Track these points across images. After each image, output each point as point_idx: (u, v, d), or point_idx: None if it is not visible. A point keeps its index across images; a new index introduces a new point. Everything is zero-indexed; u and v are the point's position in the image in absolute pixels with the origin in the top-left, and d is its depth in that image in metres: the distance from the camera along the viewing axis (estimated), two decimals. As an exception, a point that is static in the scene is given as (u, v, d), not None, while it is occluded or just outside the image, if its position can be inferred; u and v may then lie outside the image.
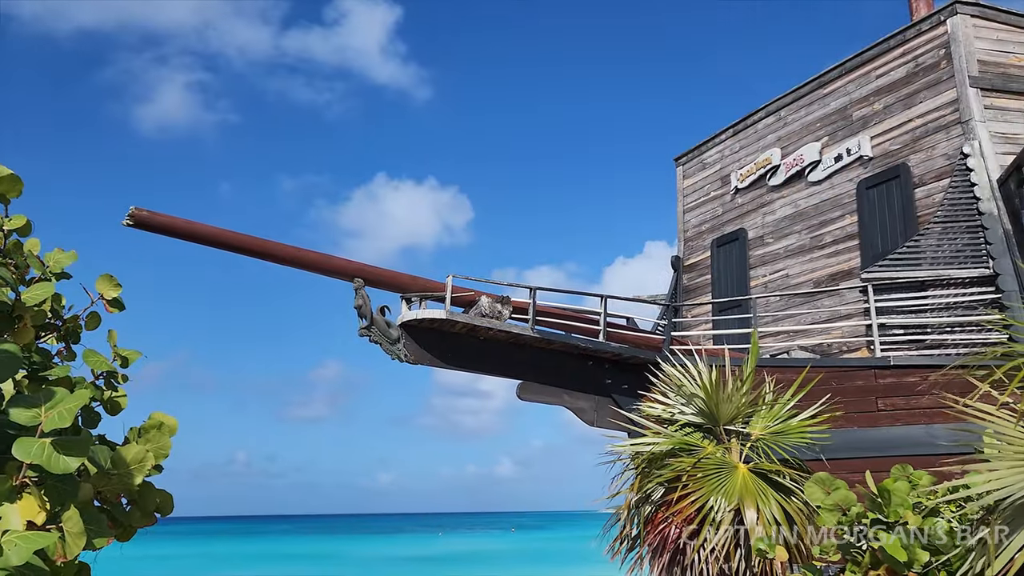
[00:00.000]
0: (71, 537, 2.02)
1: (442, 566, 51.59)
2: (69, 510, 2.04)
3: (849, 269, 13.55)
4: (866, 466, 8.35)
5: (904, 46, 13.43)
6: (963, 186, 11.76)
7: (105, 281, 3.06)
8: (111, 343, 2.99)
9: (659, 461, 7.58)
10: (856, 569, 5.01)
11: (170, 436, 2.92)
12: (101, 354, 2.91)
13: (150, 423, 2.87)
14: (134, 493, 2.74)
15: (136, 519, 2.77)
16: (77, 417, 2.76)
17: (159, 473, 2.88)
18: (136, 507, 2.76)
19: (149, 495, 2.81)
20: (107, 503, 2.69)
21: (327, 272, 10.53)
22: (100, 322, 3.00)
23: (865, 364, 10.50)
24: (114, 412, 2.97)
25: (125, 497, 2.76)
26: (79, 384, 2.71)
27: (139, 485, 2.73)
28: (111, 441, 2.88)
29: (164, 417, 2.92)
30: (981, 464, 6.17)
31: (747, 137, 16.47)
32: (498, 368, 11.30)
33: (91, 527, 2.14)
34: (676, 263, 17.49)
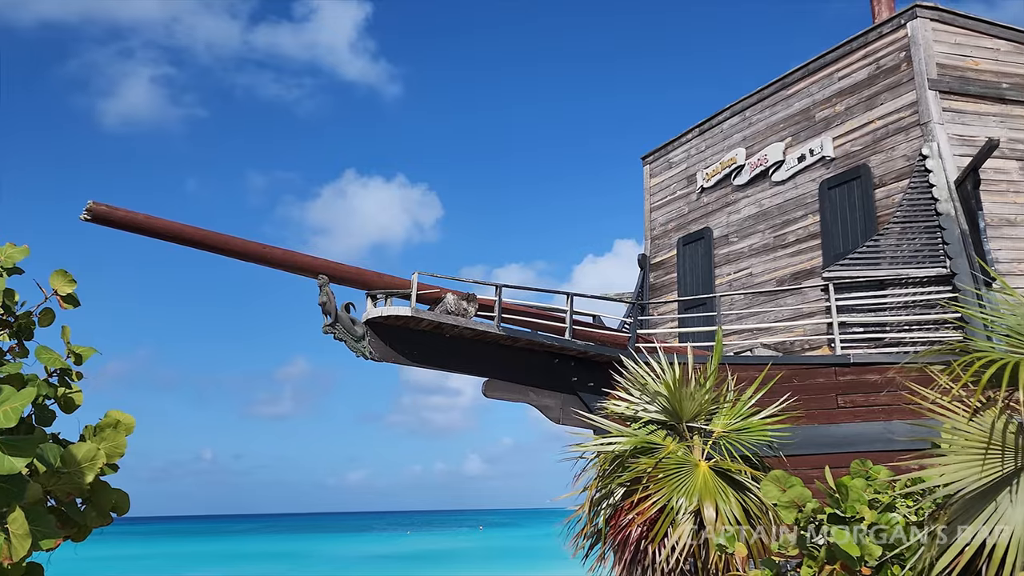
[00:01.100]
0: (16, 539, 1.99)
1: (410, 565, 51.45)
2: (15, 511, 2.00)
3: (811, 268, 13.75)
4: (826, 462, 8.49)
5: (865, 48, 13.66)
6: (922, 187, 11.99)
7: (59, 277, 3.01)
8: (65, 340, 2.94)
9: (622, 460, 7.64)
10: (812, 564, 5.09)
11: (127, 434, 2.88)
12: (54, 351, 2.86)
13: (106, 421, 2.83)
14: (86, 492, 2.70)
15: (90, 519, 2.73)
16: (31, 415, 2.72)
17: (114, 472, 2.84)
18: (90, 507, 2.72)
19: (104, 494, 2.77)
20: (59, 503, 2.65)
21: (291, 269, 10.45)
22: (54, 318, 2.95)
23: (826, 362, 10.67)
24: (69, 410, 2.93)
25: (78, 497, 2.71)
26: (31, 381, 2.67)
27: (92, 484, 2.69)
28: (64, 440, 2.83)
29: (121, 415, 2.88)
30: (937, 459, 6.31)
31: (713, 137, 16.63)
32: (464, 365, 11.30)
33: (38, 528, 2.11)
34: (643, 261, 17.62)
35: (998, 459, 4.97)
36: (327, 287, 10.27)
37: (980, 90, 12.65)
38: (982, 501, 4.78)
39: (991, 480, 4.88)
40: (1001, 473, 4.90)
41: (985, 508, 4.75)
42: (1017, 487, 4.79)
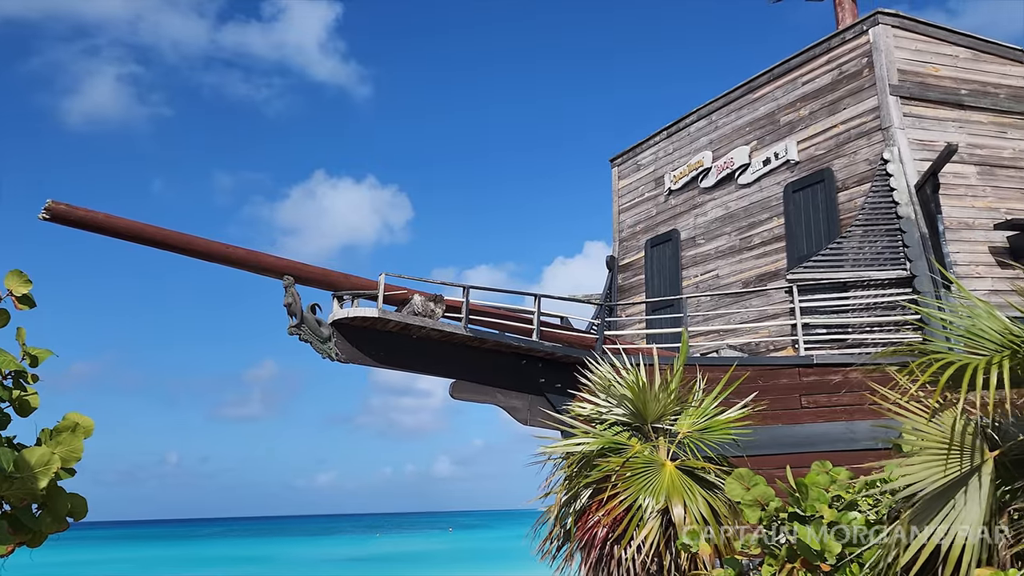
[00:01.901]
0: (-35, 544, 1.95)
1: (379, 567, 51.20)
2: (-36, 517, 1.96)
3: (776, 270, 13.93)
4: (790, 462, 8.60)
5: (829, 54, 13.88)
6: (883, 191, 12.20)
7: (14, 277, 2.95)
8: (20, 341, 2.88)
9: (588, 461, 7.68)
10: (774, 563, 5.17)
11: (85, 437, 2.82)
12: (9, 353, 2.81)
13: (64, 424, 2.77)
14: (41, 497, 2.64)
15: (45, 525, 2.67)
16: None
17: (71, 476, 2.78)
18: (45, 512, 2.66)
19: (59, 499, 2.72)
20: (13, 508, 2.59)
21: (256, 269, 10.35)
22: (9, 319, 2.89)
23: (790, 362, 10.81)
24: (24, 413, 2.87)
25: (32, 502, 2.66)
26: (-18, 384, 2.62)
27: (48, 489, 2.63)
28: (19, 444, 2.77)
29: (79, 418, 2.82)
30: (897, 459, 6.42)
31: (680, 139, 16.78)
32: (431, 367, 11.28)
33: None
34: (611, 263, 17.72)
35: (956, 459, 5.07)
36: (292, 288, 10.19)
37: (940, 96, 12.91)
38: (940, 501, 4.88)
39: (949, 480, 4.98)
40: (959, 473, 5.00)
41: (943, 508, 4.84)
42: (973, 487, 4.89)
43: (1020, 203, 12.47)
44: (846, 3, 16.07)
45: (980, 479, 4.89)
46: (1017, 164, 12.84)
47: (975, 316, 5.32)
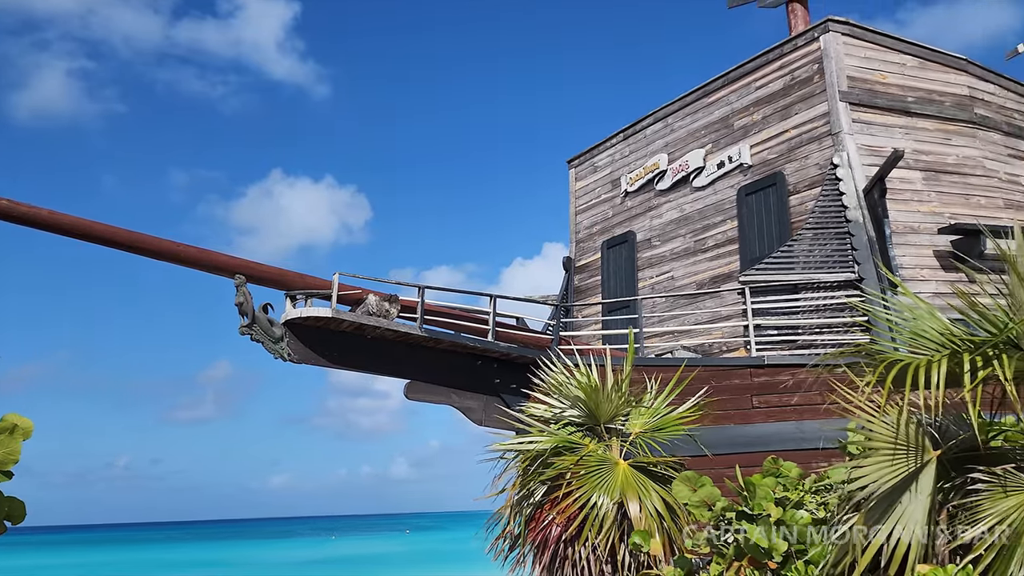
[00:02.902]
0: None
1: (334, 569, 50.70)
2: None
3: (729, 272, 14.11)
4: (741, 461, 8.71)
5: (782, 60, 14.10)
6: (833, 195, 12.44)
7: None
8: (-46, 344, 2.77)
9: (542, 460, 7.68)
10: (721, 561, 5.22)
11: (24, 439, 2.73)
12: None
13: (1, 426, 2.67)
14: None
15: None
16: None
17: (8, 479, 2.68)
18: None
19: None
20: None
21: (207, 268, 10.16)
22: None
23: (741, 363, 10.95)
24: (-39, 416, 2.76)
25: (-37, 506, 2.56)
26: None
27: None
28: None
29: (18, 419, 2.73)
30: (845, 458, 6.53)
31: (637, 142, 16.91)
32: (386, 367, 11.19)
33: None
34: (567, 264, 17.78)
35: (902, 459, 5.17)
36: (244, 287, 10.02)
37: (887, 103, 13.20)
38: (887, 500, 4.96)
39: (896, 479, 5.08)
40: (905, 472, 5.10)
41: (889, 507, 4.93)
42: (917, 486, 4.99)
43: (963, 208, 12.81)
44: (799, 10, 16.36)
45: (924, 478, 5.00)
46: (960, 170, 13.19)
47: (918, 317, 5.44)
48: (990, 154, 13.53)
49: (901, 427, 5.21)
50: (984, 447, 5.17)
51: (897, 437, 5.23)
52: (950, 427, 5.34)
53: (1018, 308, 4.86)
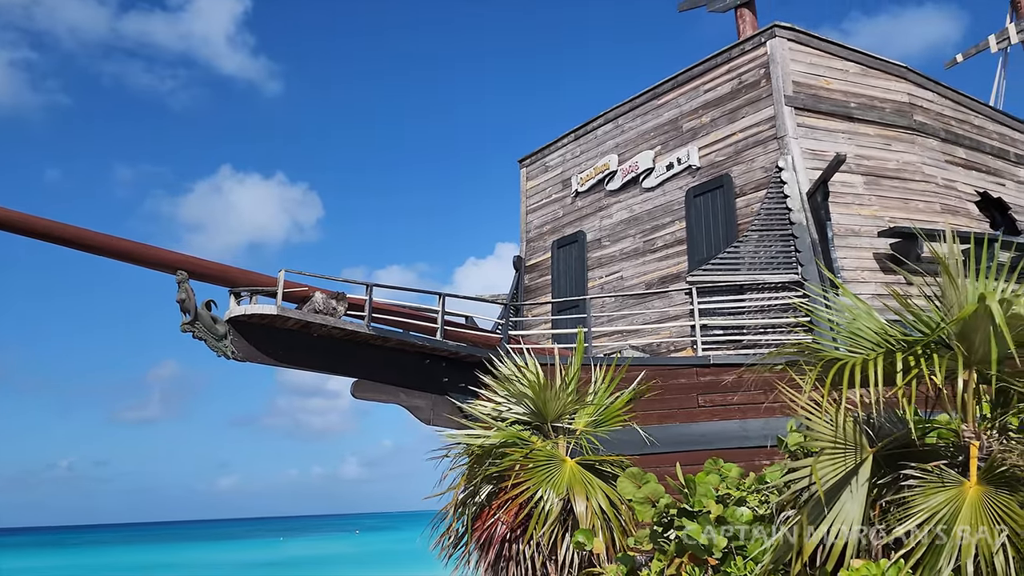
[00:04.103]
0: None
1: (282, 571, 50.03)
2: None
3: (678, 272, 14.25)
4: (686, 460, 8.81)
5: (730, 64, 14.30)
6: (777, 197, 12.65)
7: None
8: None
9: (488, 457, 7.66)
10: (663, 558, 5.26)
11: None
12: None
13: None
14: None
15: None
16: None
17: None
18: None
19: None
20: None
21: (147, 264, 9.89)
22: None
23: (687, 363, 11.06)
24: None
25: None
26: None
27: None
28: None
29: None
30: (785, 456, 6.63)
31: (587, 142, 16.99)
32: (333, 366, 11.05)
33: None
34: (518, 263, 17.79)
35: (840, 455, 5.27)
36: (186, 283, 9.79)
37: (830, 108, 13.48)
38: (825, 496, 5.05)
39: (833, 476, 5.17)
40: (843, 469, 5.19)
41: (825, 503, 5.01)
42: (854, 483, 5.09)
43: (902, 212, 13.14)
44: (747, 15, 16.61)
45: (861, 475, 5.10)
46: (900, 175, 13.53)
47: (856, 317, 5.55)
48: (928, 160, 13.91)
49: (839, 425, 5.31)
50: (918, 444, 5.30)
51: (836, 435, 5.33)
52: (885, 425, 5.46)
53: (949, 309, 5.00)
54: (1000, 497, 4.43)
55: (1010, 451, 4.59)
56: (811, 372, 5.11)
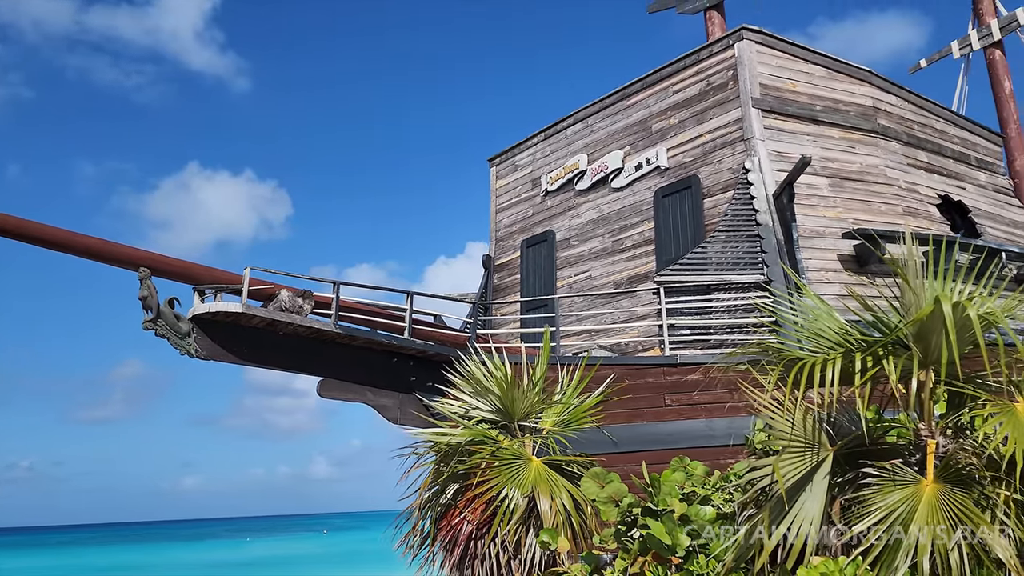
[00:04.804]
0: None
1: (248, 571, 49.56)
2: None
3: (646, 272, 14.34)
4: (653, 459, 8.86)
5: (698, 65, 14.42)
6: (744, 198, 12.78)
7: None
8: None
9: (455, 455, 7.64)
10: (626, 556, 5.28)
11: None
12: None
13: None
14: None
15: None
16: None
17: None
18: None
19: None
20: None
21: (108, 260, 9.71)
22: None
23: (654, 362, 11.13)
24: None
25: None
26: None
27: None
28: None
29: None
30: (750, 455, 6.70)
31: (557, 142, 17.03)
32: (299, 364, 10.94)
33: None
34: (487, 262, 17.78)
35: (801, 454, 5.33)
36: (148, 280, 9.63)
37: (796, 110, 13.65)
38: (787, 494, 5.10)
39: (794, 474, 5.22)
40: (804, 467, 5.25)
41: (786, 501, 5.07)
42: (815, 481, 5.15)
43: (865, 214, 13.34)
44: (716, 18, 16.77)
45: (821, 474, 5.16)
46: (864, 178, 13.74)
47: (817, 318, 5.62)
48: (891, 163, 14.14)
49: (800, 424, 5.37)
50: (877, 443, 5.38)
51: (797, 434, 5.39)
52: (845, 424, 5.54)
53: (907, 310, 5.07)
54: (955, 495, 4.50)
55: (965, 450, 4.67)
56: (773, 372, 5.16)
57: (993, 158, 16.84)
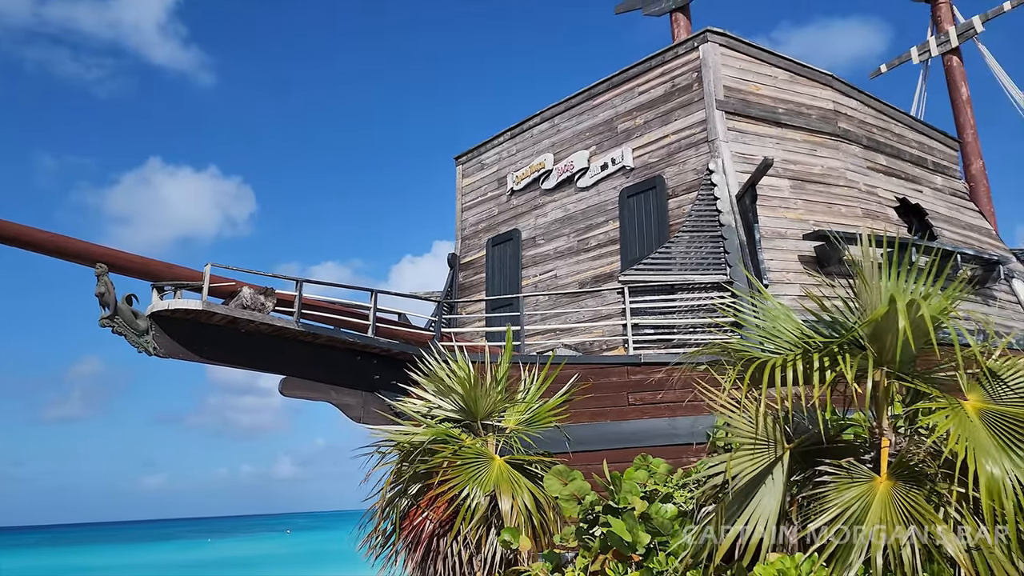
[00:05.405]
0: None
1: (210, 572, 48.93)
2: None
3: (611, 272, 14.41)
4: (617, 457, 8.91)
5: (663, 67, 14.52)
6: (708, 199, 12.90)
7: None
8: None
9: (417, 455, 7.61)
10: (587, 554, 5.30)
11: None
12: None
13: None
14: None
15: None
16: None
17: None
18: None
19: None
20: None
21: (63, 255, 9.51)
22: None
23: (618, 361, 11.19)
24: None
25: None
26: None
27: None
28: None
29: None
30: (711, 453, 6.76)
31: (523, 141, 17.04)
32: (261, 363, 10.82)
33: None
34: (452, 260, 17.73)
35: (759, 452, 5.39)
36: (105, 276, 9.45)
37: (759, 113, 13.80)
38: (743, 492, 5.15)
39: (752, 472, 5.28)
40: (761, 465, 5.31)
41: (744, 498, 5.12)
42: (773, 479, 5.21)
43: (826, 216, 13.54)
44: (681, 20, 16.90)
45: (778, 471, 5.22)
46: (825, 180, 13.94)
47: (776, 318, 5.68)
48: (851, 166, 14.37)
49: (758, 423, 5.44)
50: (834, 441, 5.47)
51: (755, 432, 5.45)
52: (802, 423, 5.61)
53: (864, 311, 5.15)
54: (908, 492, 4.58)
55: (918, 447, 4.76)
56: (732, 371, 5.22)
57: (950, 162, 17.20)
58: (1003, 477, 4.18)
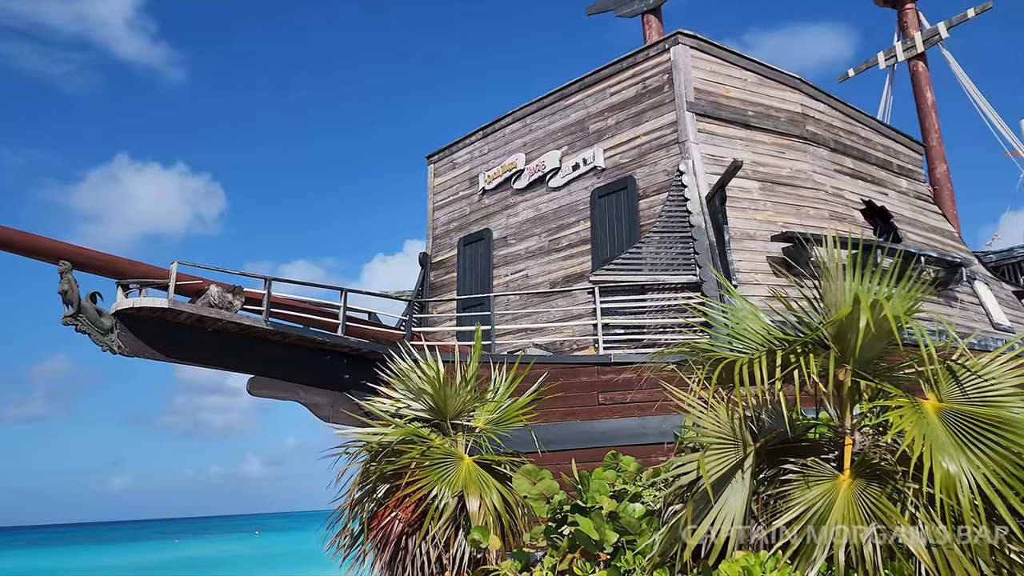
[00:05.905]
0: None
1: (175, 574, 48.32)
2: None
3: (582, 272, 14.46)
4: (586, 457, 8.94)
5: (635, 68, 14.60)
6: (678, 200, 12.99)
7: None
8: None
9: (386, 454, 7.58)
10: (555, 553, 5.31)
11: None
12: None
13: None
14: None
15: None
16: None
17: None
18: None
19: None
20: None
21: (25, 252, 9.33)
22: None
23: (588, 361, 11.23)
24: None
25: None
26: None
27: None
28: None
29: None
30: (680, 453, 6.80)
31: (496, 140, 17.04)
32: (229, 362, 10.70)
33: None
34: (424, 259, 17.69)
35: (725, 451, 5.44)
36: (69, 274, 9.29)
37: (729, 115, 13.93)
38: (712, 490, 5.20)
39: (718, 470, 5.33)
40: (728, 464, 5.35)
41: (713, 497, 5.17)
42: (738, 477, 5.26)
43: (794, 217, 13.71)
44: (653, 22, 17.00)
45: (744, 470, 5.27)
46: (793, 182, 14.11)
47: (743, 319, 5.74)
48: (819, 168, 14.56)
49: (724, 422, 5.49)
50: (800, 440, 5.53)
51: (721, 431, 5.51)
52: (768, 422, 5.67)
53: (829, 311, 5.22)
54: (870, 490, 4.65)
55: (879, 446, 4.83)
56: (700, 370, 5.26)
57: (914, 166, 17.49)
58: (959, 474, 4.26)
